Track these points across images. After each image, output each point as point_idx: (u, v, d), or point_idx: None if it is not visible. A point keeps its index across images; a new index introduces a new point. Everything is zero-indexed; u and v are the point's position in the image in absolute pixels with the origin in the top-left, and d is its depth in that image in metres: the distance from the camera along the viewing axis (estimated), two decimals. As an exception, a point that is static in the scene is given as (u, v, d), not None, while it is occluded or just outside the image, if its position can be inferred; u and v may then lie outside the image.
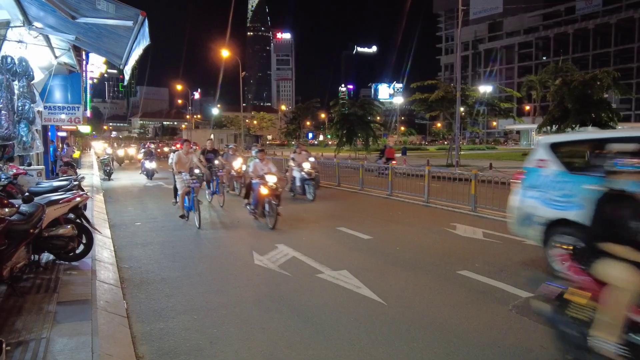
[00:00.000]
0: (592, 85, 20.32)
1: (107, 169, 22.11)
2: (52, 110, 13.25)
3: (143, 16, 4.96)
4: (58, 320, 4.47)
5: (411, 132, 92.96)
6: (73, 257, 6.53)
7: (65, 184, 7.98)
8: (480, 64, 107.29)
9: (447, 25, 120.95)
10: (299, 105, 63.38)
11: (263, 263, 7.11)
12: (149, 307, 5.32)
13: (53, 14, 5.71)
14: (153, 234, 9.41)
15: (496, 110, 32.62)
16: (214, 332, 4.62)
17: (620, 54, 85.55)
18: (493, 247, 8.12)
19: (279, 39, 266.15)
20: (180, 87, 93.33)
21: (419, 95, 32.53)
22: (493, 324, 4.76)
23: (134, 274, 6.65)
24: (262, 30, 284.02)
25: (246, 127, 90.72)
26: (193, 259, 7.48)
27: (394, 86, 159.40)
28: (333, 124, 42.98)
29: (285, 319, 4.95)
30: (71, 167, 16.72)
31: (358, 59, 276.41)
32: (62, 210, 6.40)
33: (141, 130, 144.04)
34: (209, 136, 30.18)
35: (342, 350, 4.23)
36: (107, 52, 8.27)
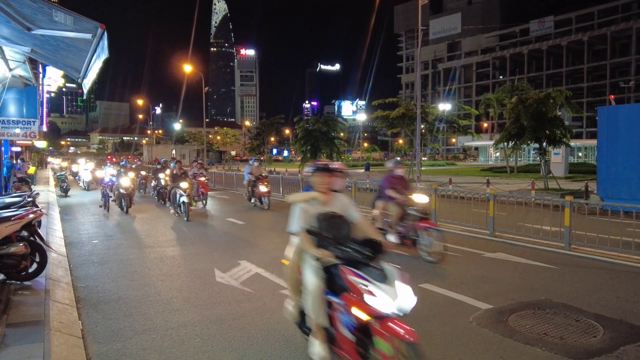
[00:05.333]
0: (546, 103, 21.09)
1: (64, 185, 21.43)
2: (6, 125, 12.76)
3: (102, 29, 4.87)
4: (7, 344, 4.26)
5: (374, 148, 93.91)
6: (25, 276, 6.28)
7: (19, 201, 7.67)
8: (439, 82, 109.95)
9: (407, 44, 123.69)
10: (263, 121, 63.18)
11: (225, 280, 7.00)
12: (105, 327, 5.14)
13: (7, 24, 5.54)
14: (111, 252, 9.14)
15: (455, 127, 33.49)
16: (173, 352, 4.50)
17: (571, 74, 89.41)
18: (453, 260, 8.26)
19: (243, 55, 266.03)
20: (141, 102, 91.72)
21: (380, 113, 33.06)
22: (455, 337, 4.83)
23: (90, 293, 6.43)
24: (226, 47, 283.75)
25: (209, 142, 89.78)
26: (152, 278, 7.29)
27: (357, 103, 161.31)
28: (297, 140, 43.03)
29: (248, 337, 4.87)
30: (25, 183, 16.15)
31: (322, 77, 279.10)
32: (14, 227, 6.15)
33: (100, 146, 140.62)
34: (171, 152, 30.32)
35: (305, 367, 4.18)
36: (65, 65, 8.07)
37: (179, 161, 15.04)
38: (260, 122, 66.70)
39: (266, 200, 15.83)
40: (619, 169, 13.97)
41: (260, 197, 15.91)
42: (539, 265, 7.77)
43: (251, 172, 16.62)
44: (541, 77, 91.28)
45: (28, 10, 4.88)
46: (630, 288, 6.56)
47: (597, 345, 4.55)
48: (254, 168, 16.72)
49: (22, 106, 13.02)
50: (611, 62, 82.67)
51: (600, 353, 4.38)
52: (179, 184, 13.47)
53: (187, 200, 13.11)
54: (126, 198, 14.92)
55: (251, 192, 16.53)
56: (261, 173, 16.56)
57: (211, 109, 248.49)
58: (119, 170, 15.62)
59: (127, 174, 15.40)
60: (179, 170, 14.16)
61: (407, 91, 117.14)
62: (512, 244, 9.53)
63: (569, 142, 22.77)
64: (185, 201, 13.13)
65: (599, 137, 15.11)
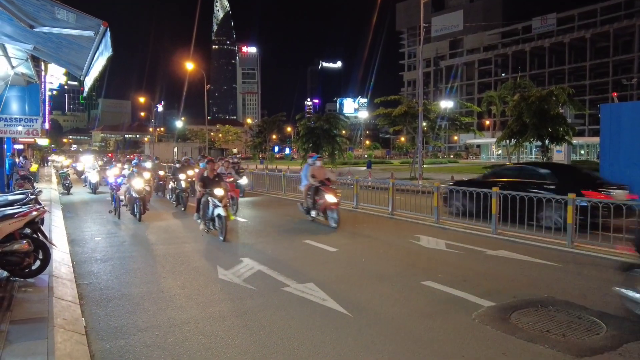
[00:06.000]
0: (548, 100, 21.08)
1: (66, 182, 21.46)
2: (8, 122, 12.79)
3: (105, 27, 4.87)
4: (11, 340, 4.28)
5: (376, 146, 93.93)
6: (29, 273, 6.29)
7: (21, 198, 7.70)
8: (441, 80, 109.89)
9: (409, 42, 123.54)
10: (265, 119, 63.23)
11: (227, 277, 7.01)
12: (108, 324, 5.16)
13: (10, 22, 5.54)
14: (113, 249, 9.16)
15: (457, 125, 33.47)
16: (176, 349, 4.52)
17: (574, 72, 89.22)
18: (456, 257, 8.26)
19: (245, 53, 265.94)
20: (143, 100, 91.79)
21: (382, 110, 33.06)
22: (457, 334, 4.83)
23: (93, 290, 6.45)
24: (228, 44, 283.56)
25: (211, 140, 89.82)
26: (155, 275, 7.31)
27: (359, 101, 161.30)
28: (299, 137, 43.07)
29: (251, 334, 4.88)
30: (28, 181, 16.17)
31: (323, 74, 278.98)
32: (17, 225, 6.17)
33: (102, 143, 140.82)
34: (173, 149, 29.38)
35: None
36: (67, 63, 8.08)
37: (211, 160, 11.52)
38: (262, 120, 66.75)
39: (334, 214, 11.37)
40: (621, 166, 13.92)
41: (326, 209, 11.61)
42: (541, 263, 7.77)
43: (313, 174, 12.14)
44: (543, 74, 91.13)
45: (31, 7, 4.88)
46: (633, 285, 6.54)
47: (599, 343, 4.55)
48: (315, 169, 12.27)
49: (24, 104, 13.05)
50: (614, 59, 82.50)
51: (603, 350, 4.38)
52: (213, 191, 10.18)
53: (224, 214, 9.81)
54: (139, 203, 12.58)
55: (312, 202, 12.10)
56: (326, 176, 12.18)
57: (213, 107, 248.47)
58: (132, 170, 13.08)
59: (140, 174, 12.94)
60: (211, 173, 10.77)
61: (409, 89, 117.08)
62: (514, 241, 9.52)
63: (571, 139, 22.77)
64: (222, 214, 9.84)
65: (601, 135, 15.07)
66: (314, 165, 12.39)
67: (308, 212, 12.33)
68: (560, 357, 4.27)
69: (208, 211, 10.41)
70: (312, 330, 4.95)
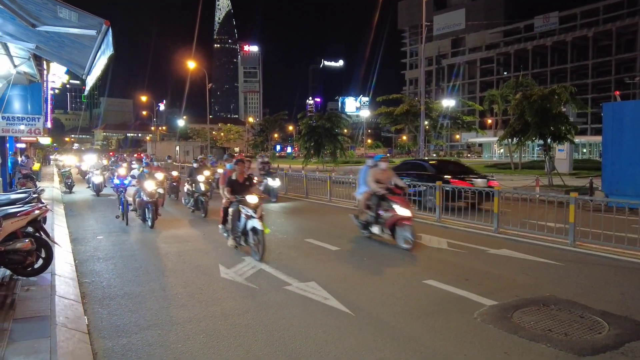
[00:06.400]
0: (550, 99, 20.98)
1: (69, 181, 21.48)
2: (11, 121, 12.84)
3: (107, 25, 4.87)
4: (13, 339, 4.29)
5: (377, 144, 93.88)
6: (31, 272, 6.31)
7: (24, 197, 7.72)
8: (443, 78, 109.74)
9: (411, 40, 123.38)
10: (266, 118, 63.25)
11: (229, 276, 7.02)
12: (111, 322, 5.17)
13: (12, 21, 5.55)
14: (115, 248, 9.17)
15: (459, 124, 33.49)
16: (178, 348, 4.52)
17: (576, 70, 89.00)
18: (457, 256, 8.25)
19: (246, 52, 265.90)
20: (145, 99, 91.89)
21: (384, 109, 33.08)
22: (459, 333, 4.83)
23: (95, 289, 6.46)
24: (229, 43, 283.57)
25: (213, 139, 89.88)
26: (157, 273, 7.32)
27: (361, 99, 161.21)
28: (301, 136, 43.10)
29: (253, 333, 4.89)
30: (30, 180, 16.19)
31: (325, 73, 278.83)
32: (19, 223, 6.18)
33: (104, 142, 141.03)
34: (175, 148, 28.83)
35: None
36: (69, 62, 8.09)
37: (241, 160, 8.98)
38: (264, 119, 66.73)
39: (406, 232, 8.61)
40: (624, 165, 13.91)
41: (394, 225, 8.81)
42: (543, 262, 7.76)
43: (376, 178, 9.33)
44: (546, 73, 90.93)
45: (33, 6, 4.89)
46: (635, 285, 6.54)
47: (602, 342, 4.55)
48: (378, 172, 9.43)
49: (26, 103, 13.09)
50: (616, 58, 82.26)
51: (605, 350, 4.37)
52: (245, 199, 8.24)
53: (260, 227, 7.83)
54: (151, 208, 11.21)
55: (374, 215, 9.27)
56: (393, 181, 9.40)
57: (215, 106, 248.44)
58: (142, 171, 11.80)
59: (152, 175, 11.68)
60: (241, 176, 8.79)
61: (410, 87, 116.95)
62: (516, 240, 9.51)
63: (574, 138, 22.69)
64: (258, 228, 7.89)
65: (604, 134, 15.05)
66: (376, 168, 9.56)
67: (366, 227, 9.64)
68: (562, 356, 4.26)
69: (239, 223, 8.42)
70: (314, 328, 4.96)
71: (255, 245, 8.01)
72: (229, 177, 8.83)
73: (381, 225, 9.14)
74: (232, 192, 8.54)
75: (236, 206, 8.46)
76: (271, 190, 16.25)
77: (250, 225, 8.06)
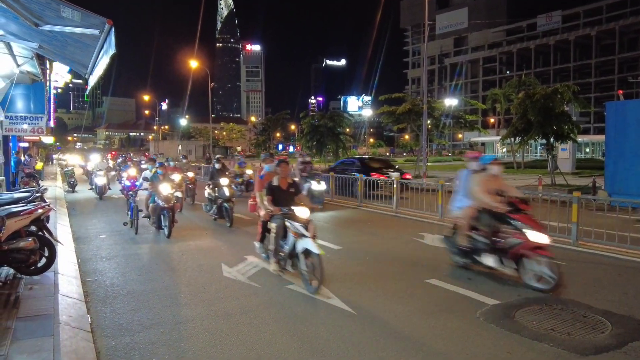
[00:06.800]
0: (553, 98, 20.91)
1: (71, 180, 21.52)
2: (14, 120, 12.88)
3: (110, 25, 4.88)
4: (17, 337, 4.31)
5: (380, 144, 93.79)
6: (34, 270, 6.32)
7: (27, 196, 7.74)
8: (446, 77, 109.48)
9: (414, 39, 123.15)
10: (269, 117, 63.25)
11: (232, 275, 7.03)
12: (114, 321, 5.18)
13: (15, 21, 5.56)
14: (118, 247, 9.19)
15: (462, 123, 33.35)
16: (181, 346, 4.53)
17: (579, 69, 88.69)
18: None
19: (249, 51, 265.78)
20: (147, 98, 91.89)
21: (386, 108, 32.98)
22: (461, 332, 4.83)
23: (98, 287, 6.48)
24: (232, 42, 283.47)
25: (215, 138, 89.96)
26: (160, 272, 7.33)
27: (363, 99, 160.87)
28: (303, 135, 43.07)
29: (255, 332, 4.89)
30: (33, 179, 16.23)
31: (327, 72, 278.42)
32: (23, 222, 6.20)
33: (107, 141, 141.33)
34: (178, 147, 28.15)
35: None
36: (72, 61, 8.10)
37: (284, 161, 7.24)
38: (266, 118, 66.74)
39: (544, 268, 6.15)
40: (627, 164, 13.86)
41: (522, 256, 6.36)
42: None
43: (485, 187, 6.86)
44: (548, 72, 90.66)
45: (36, 6, 4.90)
46: (638, 284, 6.53)
47: (604, 341, 4.54)
48: (487, 179, 6.98)
49: (29, 102, 13.12)
50: (619, 56, 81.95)
51: (608, 349, 4.37)
52: (293, 212, 6.57)
53: (316, 250, 6.07)
54: (167, 214, 9.97)
55: (486, 241, 6.77)
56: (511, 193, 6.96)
57: (217, 105, 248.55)
58: (156, 172, 10.63)
59: (167, 177, 10.57)
60: (284, 181, 7.09)
61: (413, 86, 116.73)
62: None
63: (577, 137, 22.62)
64: (313, 251, 6.13)
65: (607, 133, 14.99)
66: (485, 173, 7.05)
67: (466, 255, 7.12)
68: (565, 356, 4.26)
69: (285, 243, 6.69)
70: (317, 327, 4.96)
71: (308, 272, 6.23)
72: (270, 183, 7.07)
73: (499, 255, 6.61)
74: (275, 202, 6.87)
75: (281, 221, 6.72)
76: (316, 195, 13.94)
77: (301, 246, 6.30)
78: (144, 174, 11.47)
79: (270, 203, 6.87)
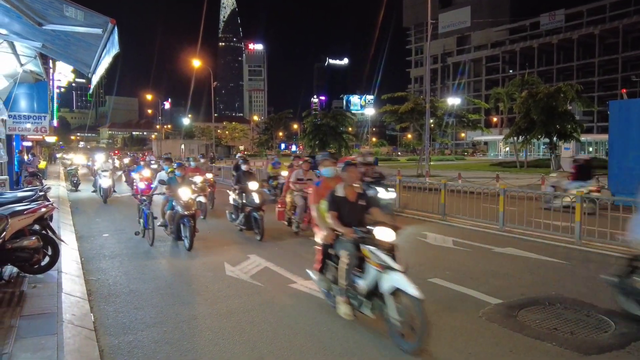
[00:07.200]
0: (556, 97, 20.93)
1: (74, 179, 21.58)
2: (17, 120, 12.90)
3: (113, 24, 4.89)
4: (21, 335, 4.32)
5: (382, 143, 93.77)
6: (38, 269, 6.34)
7: (31, 195, 7.76)
8: (449, 76, 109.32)
9: (416, 38, 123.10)
10: (271, 116, 63.44)
11: (235, 274, 7.04)
12: (117, 320, 5.19)
13: (19, 20, 5.58)
14: (121, 246, 9.21)
15: (464, 122, 33.35)
16: (184, 345, 4.54)
17: (582, 68, 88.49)
18: (463, 255, 8.24)
19: (251, 50, 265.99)
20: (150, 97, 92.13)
21: (389, 107, 33.01)
22: (464, 331, 4.82)
23: (101, 286, 6.50)
24: (234, 41, 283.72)
25: (218, 137, 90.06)
26: (163, 271, 7.35)
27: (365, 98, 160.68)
28: (306, 134, 43.12)
29: (258, 330, 4.90)
30: (37, 178, 16.27)
31: (330, 71, 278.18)
32: (26, 221, 6.22)
33: (109, 140, 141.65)
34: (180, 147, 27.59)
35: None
36: (75, 60, 8.13)
37: (352, 164, 5.43)
38: (269, 117, 66.91)
39: None
40: (630, 163, 13.83)
41: None
42: (549, 260, 7.74)
43: None
44: (551, 71, 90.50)
45: (39, 5, 4.92)
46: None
47: (608, 341, 4.53)
48: None
49: (32, 101, 13.15)
50: (623, 55, 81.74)
51: (611, 348, 4.36)
52: (373, 234, 4.77)
53: (413, 291, 4.30)
54: (188, 223, 8.63)
55: None
56: None
57: (219, 104, 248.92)
58: (173, 173, 9.47)
59: (185, 179, 9.27)
60: (351, 191, 5.29)
61: (415, 85, 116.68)
62: (522, 238, 9.48)
63: (580, 136, 22.62)
64: (406, 291, 4.37)
65: (610, 132, 14.97)
66: None
67: None
68: (568, 355, 4.25)
69: (361, 277, 4.84)
70: (319, 326, 4.96)
71: (401, 321, 4.39)
72: (332, 194, 5.24)
73: None
74: (343, 220, 5.06)
75: (353, 246, 4.88)
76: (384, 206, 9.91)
77: (388, 284, 4.51)
78: (158, 175, 10.40)
79: (337, 221, 5.07)
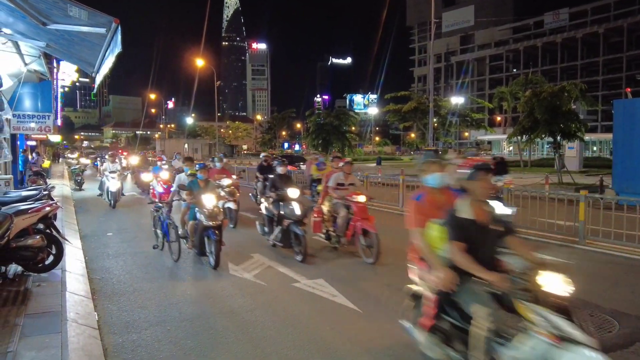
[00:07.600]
0: (560, 96, 20.82)
1: (78, 179, 21.62)
2: (22, 119, 12.94)
3: (116, 24, 4.90)
4: (25, 334, 4.34)
5: (386, 142, 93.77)
6: (42, 268, 6.37)
7: (35, 194, 7.79)
8: (452, 75, 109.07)
9: (420, 37, 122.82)
10: (274, 115, 63.40)
11: (238, 273, 7.04)
12: (120, 318, 5.21)
13: (23, 20, 5.60)
14: (125, 245, 9.23)
15: (468, 121, 33.35)
16: (187, 344, 4.55)
17: (586, 67, 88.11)
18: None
19: (254, 49, 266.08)
20: (154, 97, 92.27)
21: (392, 106, 33.03)
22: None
23: (105, 285, 6.51)
24: (238, 41, 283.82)
25: (221, 136, 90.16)
26: (166, 270, 7.36)
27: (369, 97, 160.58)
28: (309, 134, 43.15)
29: (261, 329, 4.90)
30: (41, 177, 16.32)
31: (333, 70, 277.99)
32: (31, 220, 6.24)
33: (113, 140, 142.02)
34: (184, 146, 27.32)
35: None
36: (78, 60, 8.13)
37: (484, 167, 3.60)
38: (272, 116, 66.89)
39: None
40: (635, 163, 13.76)
41: None
42: (553, 260, 7.69)
43: None
44: (555, 70, 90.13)
45: (43, 5, 4.93)
46: (646, 283, 6.48)
47: (612, 341, 4.52)
48: None
49: (36, 100, 13.18)
50: (627, 54, 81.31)
51: (615, 348, 4.35)
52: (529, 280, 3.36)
53: None
54: (213, 237, 7.23)
55: None
56: None
57: (223, 103, 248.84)
58: (195, 176, 7.90)
59: (209, 184, 7.98)
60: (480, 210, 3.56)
61: (419, 84, 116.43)
62: (525, 238, 9.42)
63: (584, 136, 22.50)
64: None
65: (614, 131, 14.90)
66: None
67: None
68: (571, 355, 4.23)
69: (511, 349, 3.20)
70: (323, 325, 4.97)
71: None
72: (453, 215, 3.61)
73: None
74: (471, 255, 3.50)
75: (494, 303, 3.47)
76: None
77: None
78: (177, 179, 8.81)
79: (465, 257, 3.44)
